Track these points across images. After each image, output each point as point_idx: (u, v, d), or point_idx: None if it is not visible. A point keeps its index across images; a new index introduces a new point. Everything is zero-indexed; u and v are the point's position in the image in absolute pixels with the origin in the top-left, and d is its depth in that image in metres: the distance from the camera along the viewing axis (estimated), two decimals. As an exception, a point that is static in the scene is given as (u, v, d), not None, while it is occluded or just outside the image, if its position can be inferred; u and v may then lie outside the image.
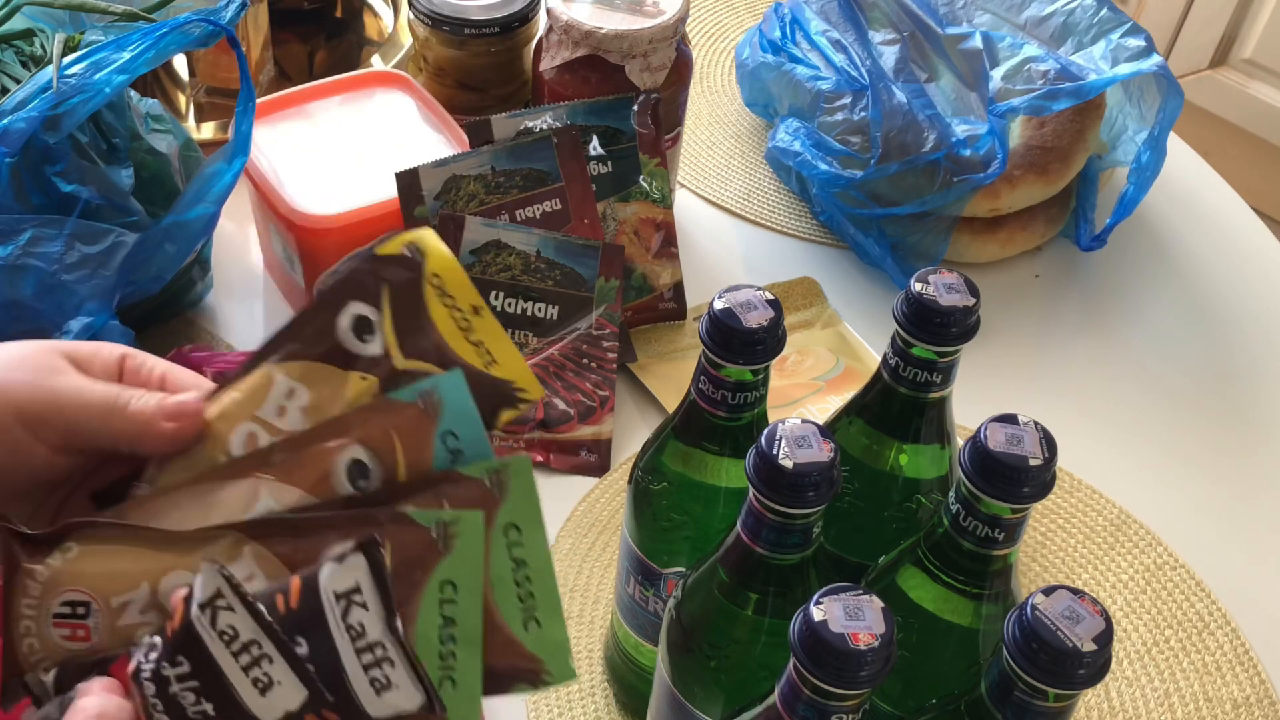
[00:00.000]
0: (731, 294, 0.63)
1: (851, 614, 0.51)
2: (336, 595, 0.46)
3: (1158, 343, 1.08)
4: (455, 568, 0.49)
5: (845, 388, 0.97)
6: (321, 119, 1.00)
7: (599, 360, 0.95)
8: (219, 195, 0.81)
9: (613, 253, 0.95)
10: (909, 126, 1.02)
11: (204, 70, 1.15)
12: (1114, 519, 0.94)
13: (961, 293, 0.64)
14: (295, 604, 0.46)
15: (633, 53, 0.96)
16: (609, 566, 0.88)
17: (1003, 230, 1.08)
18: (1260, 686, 0.85)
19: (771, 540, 0.58)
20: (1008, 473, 0.56)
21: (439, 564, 0.49)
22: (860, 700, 0.52)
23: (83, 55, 0.79)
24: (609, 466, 0.93)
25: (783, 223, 1.14)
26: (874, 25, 1.10)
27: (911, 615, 0.62)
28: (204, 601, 0.45)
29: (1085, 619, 0.52)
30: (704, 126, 1.22)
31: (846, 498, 0.70)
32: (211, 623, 0.45)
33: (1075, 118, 1.06)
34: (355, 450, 0.51)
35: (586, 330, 0.95)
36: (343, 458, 0.51)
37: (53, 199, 0.80)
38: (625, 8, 0.96)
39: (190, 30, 0.79)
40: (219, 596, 0.46)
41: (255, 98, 0.83)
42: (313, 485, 0.51)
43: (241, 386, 0.53)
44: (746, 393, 0.64)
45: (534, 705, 0.81)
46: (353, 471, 0.51)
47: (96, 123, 0.83)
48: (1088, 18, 1.09)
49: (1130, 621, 0.88)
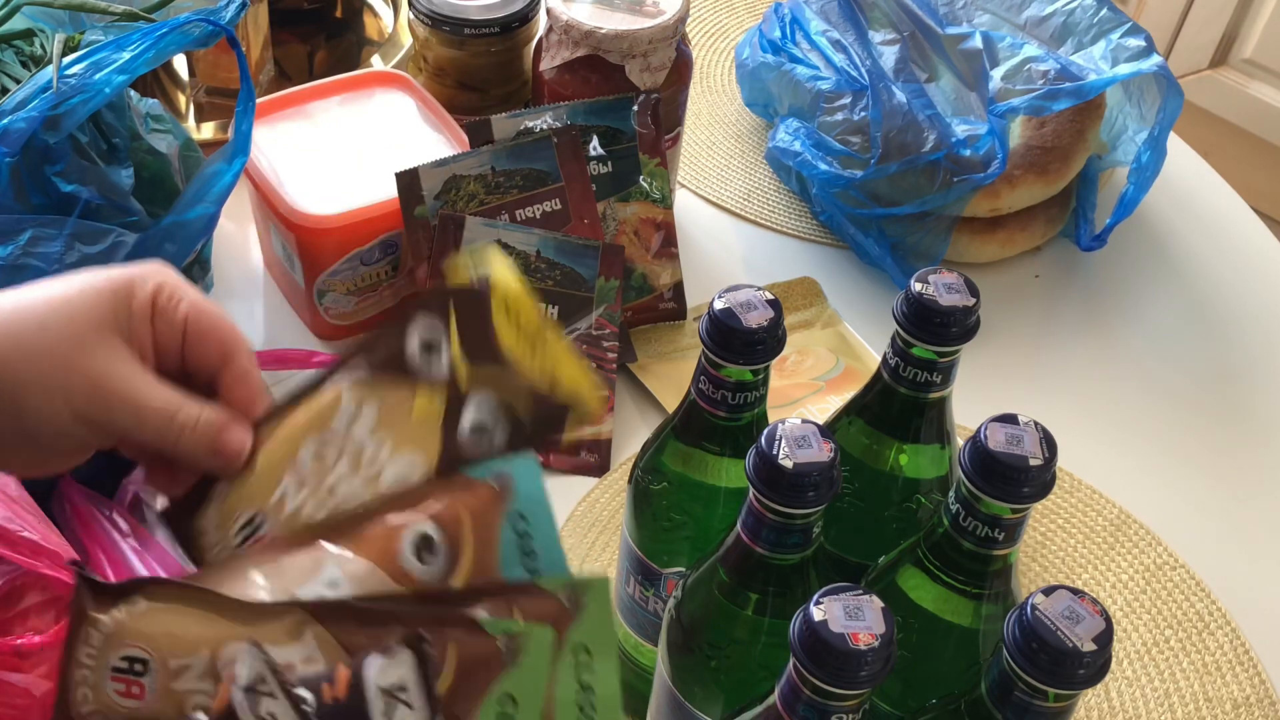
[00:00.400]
0: (731, 294, 0.63)
1: (851, 614, 0.51)
2: (382, 690, 0.46)
3: (1158, 342, 1.08)
4: (518, 682, 0.48)
5: (845, 388, 0.97)
6: (321, 119, 1.00)
7: (599, 360, 0.95)
8: (219, 195, 0.81)
9: (613, 253, 0.95)
10: (909, 126, 1.02)
11: (204, 70, 1.15)
12: (1114, 519, 0.94)
13: (961, 293, 0.64)
14: (342, 695, 0.46)
15: (633, 53, 0.96)
16: (609, 566, 0.88)
17: (1003, 230, 1.08)
18: (1260, 686, 0.85)
19: (771, 540, 0.58)
20: (1008, 473, 0.56)
21: (502, 676, 0.48)
22: (860, 700, 0.52)
23: (83, 55, 0.79)
24: (609, 466, 0.93)
25: (783, 223, 1.14)
26: (874, 25, 1.10)
27: (911, 615, 0.62)
28: (248, 685, 0.45)
29: (1085, 619, 0.52)
30: (704, 126, 1.22)
31: (846, 498, 0.70)
32: (253, 708, 0.45)
33: (1075, 118, 1.06)
34: (424, 525, 0.51)
35: (586, 330, 0.95)
36: (410, 532, 0.51)
37: (53, 199, 0.80)
38: (625, 8, 0.96)
39: (190, 30, 0.79)
40: (262, 681, 0.45)
41: (255, 98, 0.83)
42: (379, 556, 0.51)
43: (309, 404, 0.55)
44: (746, 393, 0.64)
45: (534, 705, 0.81)
46: (419, 546, 0.51)
47: (96, 123, 0.83)
48: (1088, 18, 1.09)
49: (1130, 621, 0.88)
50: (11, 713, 0.64)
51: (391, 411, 0.54)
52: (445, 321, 0.54)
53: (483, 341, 0.54)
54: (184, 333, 0.54)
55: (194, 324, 0.54)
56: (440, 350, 0.54)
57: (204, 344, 0.55)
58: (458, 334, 0.54)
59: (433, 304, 0.54)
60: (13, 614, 0.67)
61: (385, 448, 0.54)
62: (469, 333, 0.54)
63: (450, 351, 0.54)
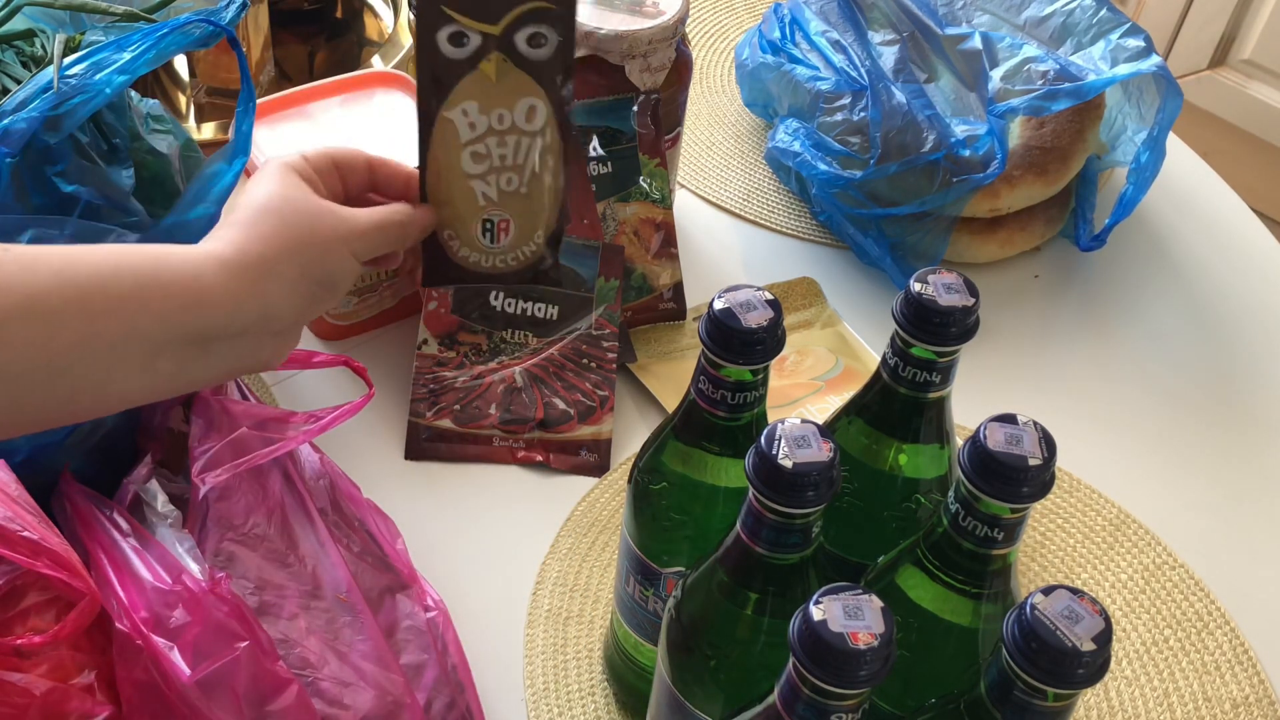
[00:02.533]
0: (731, 294, 0.63)
1: (851, 614, 0.51)
2: None
3: (1157, 343, 1.08)
4: None
5: (845, 388, 0.97)
6: (322, 119, 1.00)
7: (599, 360, 0.95)
8: (220, 195, 0.81)
9: (613, 253, 0.95)
10: (908, 127, 1.02)
11: (204, 71, 1.15)
12: (1113, 519, 0.94)
13: (961, 293, 0.64)
14: None
15: (633, 53, 0.96)
16: (609, 566, 0.88)
17: (1002, 230, 1.08)
18: (1259, 686, 0.85)
19: (771, 540, 0.58)
20: (1007, 473, 0.56)
21: None
22: (860, 700, 0.52)
23: (83, 56, 0.79)
24: (609, 466, 0.93)
25: (782, 223, 1.14)
26: (873, 26, 1.10)
27: (911, 615, 0.62)
28: None
29: (1084, 619, 0.52)
30: (704, 126, 1.22)
31: (846, 498, 0.70)
32: None
33: (1074, 118, 1.06)
34: None
35: (586, 330, 0.95)
36: None
37: (53, 199, 0.80)
38: (625, 8, 0.96)
39: (191, 31, 0.79)
40: None
41: (255, 98, 0.82)
42: None
43: (436, 143, 0.72)
44: (746, 393, 0.64)
45: (534, 705, 0.81)
46: None
47: (97, 123, 0.83)
48: (1087, 18, 1.09)
49: (1129, 621, 0.88)
50: (11, 712, 0.65)
51: (480, 91, 0.72)
52: (444, 14, 0.70)
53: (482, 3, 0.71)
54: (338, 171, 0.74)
55: (341, 164, 0.74)
56: (463, 32, 0.71)
57: (354, 170, 0.75)
58: (458, 12, 0.70)
59: (428, 13, 0.70)
60: (13, 614, 0.67)
61: (502, 111, 0.72)
62: (463, 3, 0.70)
63: (466, 25, 0.70)
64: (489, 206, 0.74)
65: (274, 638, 0.69)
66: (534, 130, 0.73)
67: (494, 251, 0.76)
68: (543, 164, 0.75)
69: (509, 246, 0.75)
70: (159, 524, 0.71)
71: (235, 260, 0.67)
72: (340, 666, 0.71)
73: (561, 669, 0.83)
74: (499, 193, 0.74)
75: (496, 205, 0.74)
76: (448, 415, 0.93)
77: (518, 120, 0.73)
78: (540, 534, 0.89)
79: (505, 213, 0.74)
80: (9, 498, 0.68)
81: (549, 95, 0.73)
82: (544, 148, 0.74)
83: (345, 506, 0.79)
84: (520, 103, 0.73)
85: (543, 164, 0.75)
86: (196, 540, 0.71)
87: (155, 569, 0.69)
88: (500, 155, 0.74)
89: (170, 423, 0.78)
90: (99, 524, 0.71)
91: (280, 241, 0.68)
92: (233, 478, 0.73)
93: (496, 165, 0.74)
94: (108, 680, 0.68)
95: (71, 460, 0.76)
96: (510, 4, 0.71)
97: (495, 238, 0.75)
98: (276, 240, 0.68)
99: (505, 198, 0.74)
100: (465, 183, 0.74)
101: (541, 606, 0.86)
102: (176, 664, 0.66)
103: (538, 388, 0.94)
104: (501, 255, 0.75)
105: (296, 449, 0.78)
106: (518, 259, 0.77)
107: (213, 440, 0.74)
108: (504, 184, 0.74)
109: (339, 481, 0.79)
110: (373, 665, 0.72)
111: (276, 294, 0.67)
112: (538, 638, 0.84)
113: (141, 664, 0.66)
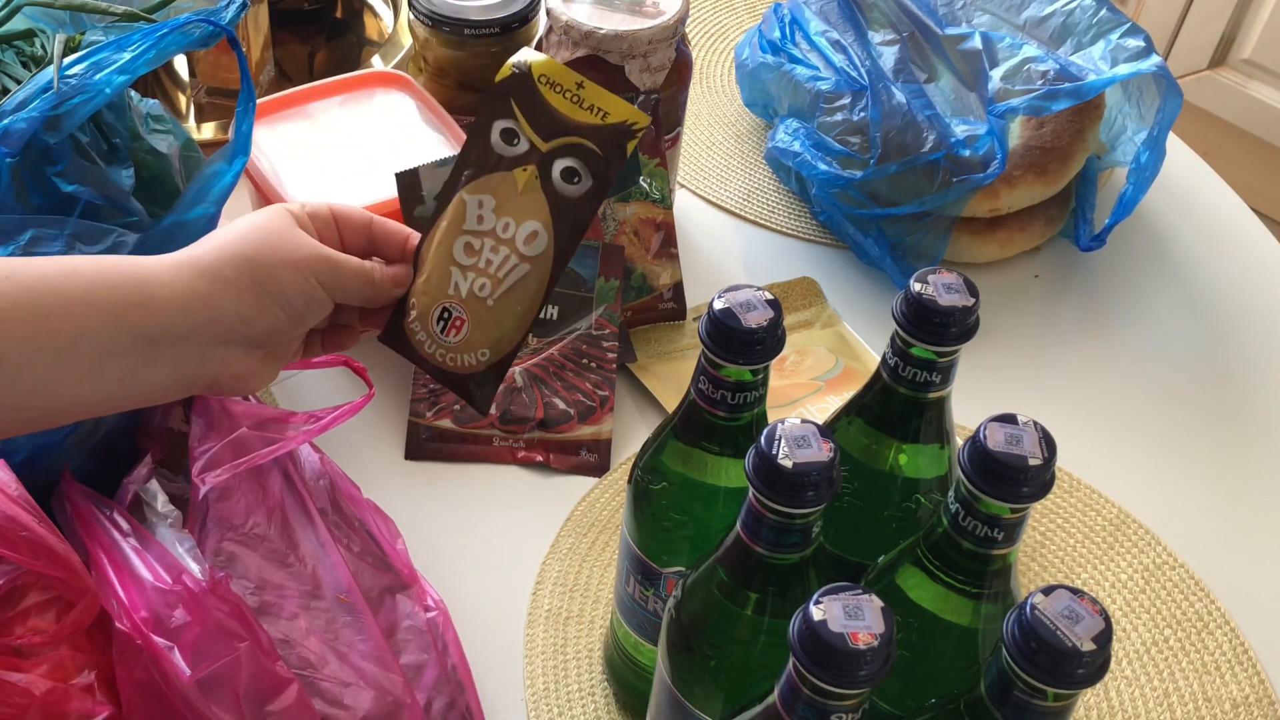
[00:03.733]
0: (731, 294, 0.63)
1: (851, 614, 0.51)
2: None
3: (1157, 342, 1.08)
4: None
5: (845, 388, 0.97)
6: (321, 119, 1.00)
7: (599, 360, 0.95)
8: (219, 195, 0.81)
9: (613, 253, 0.95)
10: (908, 127, 1.02)
11: (204, 70, 1.15)
12: (1113, 519, 0.94)
13: (961, 293, 0.64)
14: None
15: (633, 53, 0.96)
16: (609, 566, 0.88)
17: (1002, 230, 1.08)
18: (1259, 686, 0.85)
19: (771, 540, 0.58)
20: (1007, 473, 0.56)
21: None
22: (860, 700, 0.52)
23: (83, 56, 0.79)
24: (609, 466, 0.93)
25: (782, 223, 1.14)
26: (873, 26, 1.10)
27: (911, 615, 0.62)
28: None
29: (1084, 618, 0.52)
30: (704, 126, 1.22)
31: (846, 498, 0.70)
32: None
33: (1074, 118, 1.06)
34: None
35: (586, 330, 0.95)
36: None
37: (53, 199, 0.80)
38: (625, 8, 0.96)
39: (191, 31, 0.79)
40: None
41: (255, 98, 0.83)
42: None
43: (446, 215, 0.73)
44: (746, 393, 0.64)
45: (534, 705, 0.81)
46: None
47: (97, 123, 0.83)
48: (1087, 18, 1.09)
49: (1129, 621, 0.88)
50: (11, 712, 0.65)
51: (502, 193, 0.72)
52: (510, 109, 0.71)
53: (541, 110, 0.71)
54: (369, 234, 0.74)
55: (379, 229, 0.74)
56: (516, 132, 0.72)
57: (353, 226, 0.74)
58: (521, 113, 0.71)
59: (496, 101, 0.72)
60: (13, 614, 0.67)
61: (510, 220, 0.72)
62: (528, 108, 0.71)
63: (522, 128, 0.71)
64: (455, 299, 0.73)
65: (274, 638, 0.69)
66: (528, 255, 0.72)
67: (439, 342, 0.73)
68: (520, 289, 0.72)
69: (454, 347, 0.73)
70: (159, 524, 0.71)
71: (186, 262, 0.67)
72: (340, 666, 0.71)
73: (561, 669, 0.83)
74: (469, 292, 0.73)
75: (463, 301, 0.73)
76: (448, 415, 0.93)
77: (518, 237, 0.72)
78: (540, 534, 0.89)
79: (465, 313, 0.73)
80: (9, 498, 0.68)
81: (556, 232, 0.72)
82: (528, 275, 0.72)
83: (345, 506, 0.79)
84: (528, 223, 0.72)
85: (520, 289, 0.72)
86: (196, 540, 0.71)
87: (155, 569, 0.69)
88: (488, 259, 0.72)
89: (170, 423, 0.78)
90: (99, 524, 0.71)
91: (234, 250, 0.68)
92: (233, 478, 0.73)
93: (481, 266, 0.72)
94: (108, 680, 0.68)
95: (72, 460, 0.76)
96: (564, 129, 0.71)
97: (446, 330, 0.73)
98: (231, 248, 0.68)
99: (473, 300, 0.73)
100: (447, 264, 0.73)
101: (541, 606, 0.86)
102: (176, 664, 0.66)
103: (538, 387, 0.94)
104: (444, 350, 0.73)
105: (296, 449, 0.78)
106: (455, 364, 0.73)
107: (213, 440, 0.74)
108: (477, 288, 0.72)
109: (339, 481, 0.79)
110: (373, 665, 0.72)
111: (223, 298, 0.67)
112: (538, 638, 0.84)
113: (141, 664, 0.66)
